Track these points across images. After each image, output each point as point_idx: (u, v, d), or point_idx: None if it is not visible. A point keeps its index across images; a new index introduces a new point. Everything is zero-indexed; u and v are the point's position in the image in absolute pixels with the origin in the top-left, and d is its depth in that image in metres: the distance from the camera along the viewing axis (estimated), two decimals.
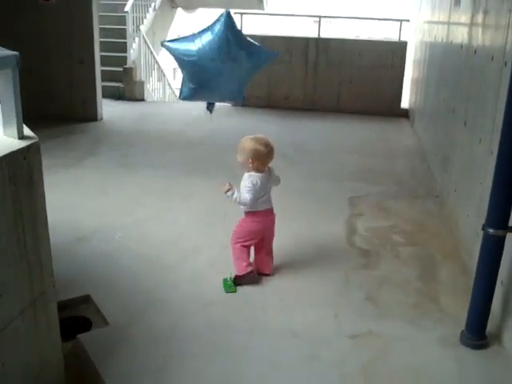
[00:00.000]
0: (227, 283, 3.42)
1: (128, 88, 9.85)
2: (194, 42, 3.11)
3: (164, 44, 3.21)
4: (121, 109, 9.11)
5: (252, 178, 3.33)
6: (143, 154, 6.36)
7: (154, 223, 4.38)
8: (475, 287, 2.92)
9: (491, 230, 2.73)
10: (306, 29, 11.83)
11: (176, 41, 3.22)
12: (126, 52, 10.05)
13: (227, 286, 3.40)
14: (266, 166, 3.40)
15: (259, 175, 3.34)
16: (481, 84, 3.94)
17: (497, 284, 2.88)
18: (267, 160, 3.37)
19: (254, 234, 3.46)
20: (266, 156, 3.34)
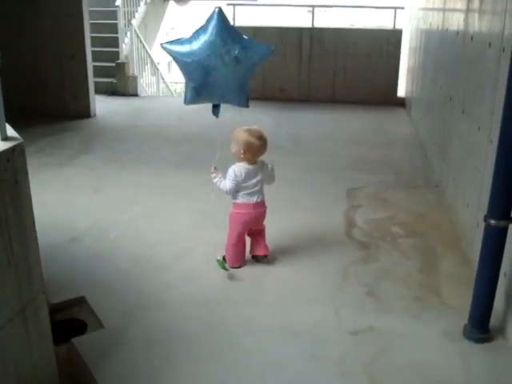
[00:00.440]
0: (221, 262, 3.44)
1: (121, 83, 9.76)
2: (191, 44, 3.10)
3: (163, 46, 3.21)
4: (114, 104, 9.02)
5: (236, 169, 3.36)
6: (137, 151, 6.28)
7: (149, 221, 4.31)
8: (477, 280, 2.85)
9: (493, 221, 2.66)
10: (300, 19, 11.72)
11: (174, 42, 3.20)
12: (118, 47, 9.94)
13: (221, 264, 3.43)
14: (258, 159, 3.41)
15: (246, 167, 3.36)
16: (478, 71, 3.86)
17: (500, 276, 2.82)
18: (259, 153, 3.38)
19: (241, 225, 3.49)
20: (259, 149, 3.35)
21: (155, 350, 2.77)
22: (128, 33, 10.15)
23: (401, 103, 8.96)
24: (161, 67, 12.71)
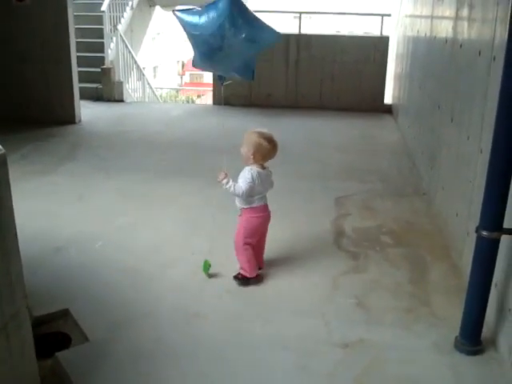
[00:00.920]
0: (207, 265, 3.47)
1: (106, 89, 9.67)
2: (200, 17, 3.09)
3: (175, 13, 3.22)
4: (99, 110, 8.93)
5: (253, 172, 3.31)
6: (123, 158, 6.20)
7: (135, 230, 4.24)
8: (469, 292, 2.81)
9: (485, 233, 2.63)
10: (287, 25, 11.71)
11: (186, 11, 3.20)
12: (104, 52, 9.86)
13: (206, 268, 3.47)
14: (267, 162, 3.41)
15: (261, 170, 3.34)
16: (468, 79, 3.84)
17: (491, 287, 2.79)
18: (268, 155, 3.38)
19: (256, 230, 3.45)
20: (269, 151, 3.34)
21: (141, 365, 2.70)
22: (114, 38, 10.06)
23: (388, 110, 8.97)
24: (146, 72, 12.64)
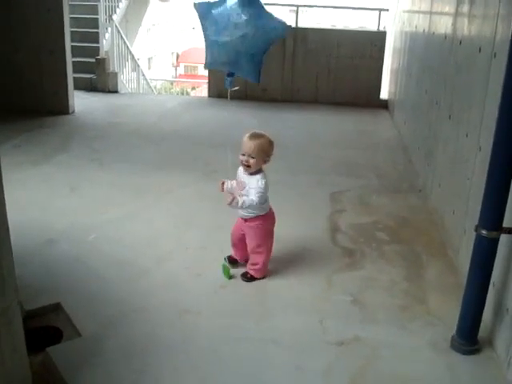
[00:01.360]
0: (227, 269, 3.41)
1: (101, 79, 9.57)
2: (213, 11, 3.11)
3: (195, 3, 3.21)
4: (93, 101, 8.83)
5: (265, 179, 3.25)
6: (116, 149, 6.13)
7: (129, 223, 4.18)
8: (467, 291, 2.79)
9: (484, 232, 2.59)
10: (283, 18, 11.65)
11: (206, 4, 3.17)
12: (99, 42, 9.76)
13: (226, 272, 3.41)
14: None
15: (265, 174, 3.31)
16: (467, 76, 3.81)
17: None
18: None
19: (272, 233, 3.46)
20: (271, 151, 3.32)
21: (134, 360, 2.66)
22: (109, 28, 9.97)
23: (384, 105, 8.92)
24: (141, 64, 12.55)
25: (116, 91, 9.63)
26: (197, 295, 3.24)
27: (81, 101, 8.35)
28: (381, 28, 9.17)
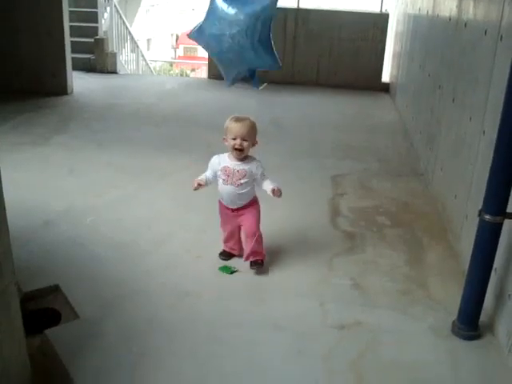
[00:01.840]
0: (227, 268, 3.30)
1: (99, 60, 9.49)
2: (205, 27, 3.25)
3: (189, 35, 3.30)
4: (92, 82, 8.76)
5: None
6: (116, 130, 6.08)
7: (128, 205, 4.15)
8: (469, 276, 2.76)
9: (488, 217, 2.56)
10: None
11: (196, 29, 3.14)
12: (97, 22, 9.66)
13: (227, 269, 3.29)
14: None
15: None
16: (472, 59, 3.75)
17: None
18: None
19: None
20: None
21: (133, 343, 2.63)
22: (108, 8, 9.87)
23: (385, 88, 8.86)
24: (140, 45, 12.44)
25: (115, 72, 9.55)
26: (197, 278, 3.21)
27: (79, 81, 8.28)
28: (383, 10, 9.07)
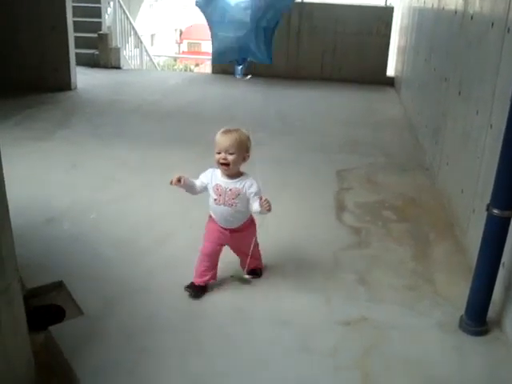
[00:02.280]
0: (240, 275, 3.06)
1: (103, 55, 9.47)
2: None
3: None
4: (96, 77, 8.74)
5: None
6: (119, 126, 6.06)
7: (131, 201, 4.12)
8: (477, 271, 2.72)
9: (496, 211, 2.52)
10: None
11: None
12: (101, 17, 9.63)
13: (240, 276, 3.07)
14: None
15: None
16: (478, 52, 3.71)
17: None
18: None
19: None
20: None
21: (136, 340, 2.61)
22: (111, 3, 9.82)
23: (390, 83, 8.81)
24: (144, 40, 12.40)
25: (119, 67, 9.53)
26: None
27: (83, 77, 8.26)
28: (388, 4, 9.00)
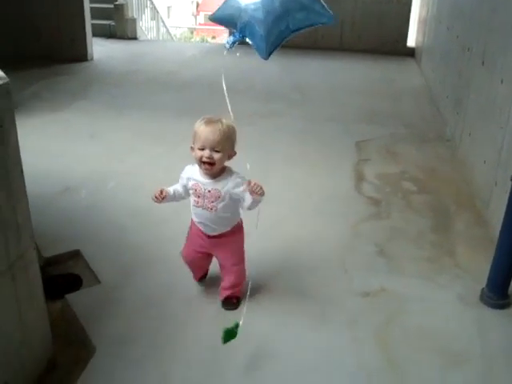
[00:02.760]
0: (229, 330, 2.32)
1: (119, 26, 9.39)
2: None
3: None
4: (112, 48, 8.68)
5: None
6: (136, 96, 6.02)
7: (148, 170, 4.10)
8: (499, 243, 2.66)
9: None
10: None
11: None
12: None
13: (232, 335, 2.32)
14: None
15: None
16: (504, 19, 3.59)
17: None
18: None
19: None
20: None
21: (153, 309, 2.60)
22: None
23: (410, 53, 8.64)
24: (161, 11, 12.29)
25: (135, 38, 9.45)
26: None
27: (99, 48, 8.20)
28: None
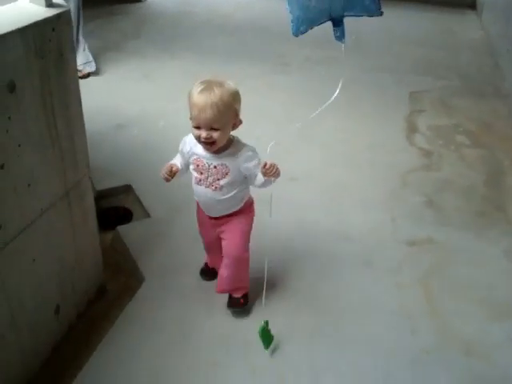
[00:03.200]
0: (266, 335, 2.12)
1: None
2: None
3: None
4: None
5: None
6: (189, 38, 5.98)
7: None
8: None
9: None
10: None
11: None
12: None
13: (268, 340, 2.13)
14: None
15: None
16: None
17: None
18: None
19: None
20: None
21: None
22: None
23: (471, 5, 8.29)
24: None
25: None
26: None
27: None
28: None
